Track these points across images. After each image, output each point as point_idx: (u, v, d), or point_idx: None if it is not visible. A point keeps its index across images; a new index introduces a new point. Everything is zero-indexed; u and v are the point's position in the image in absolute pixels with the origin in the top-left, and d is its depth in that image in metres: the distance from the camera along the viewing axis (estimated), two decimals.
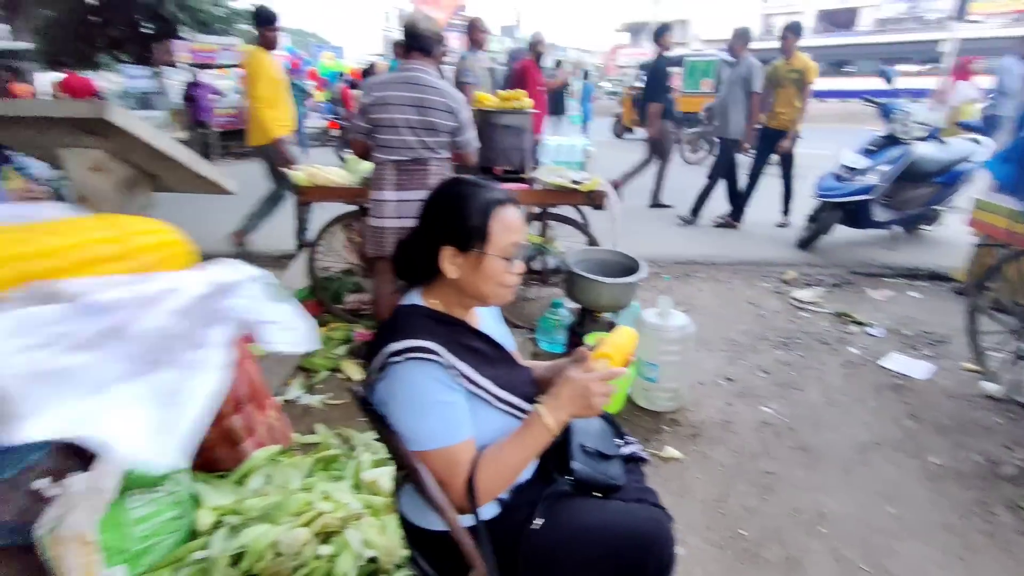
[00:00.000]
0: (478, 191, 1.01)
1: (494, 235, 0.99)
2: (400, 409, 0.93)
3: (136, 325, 0.24)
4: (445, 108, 2.14)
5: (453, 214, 1.00)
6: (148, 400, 0.23)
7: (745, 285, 3.93)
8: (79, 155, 2.25)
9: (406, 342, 0.93)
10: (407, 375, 0.92)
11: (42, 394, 0.19)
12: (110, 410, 0.22)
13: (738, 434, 2.24)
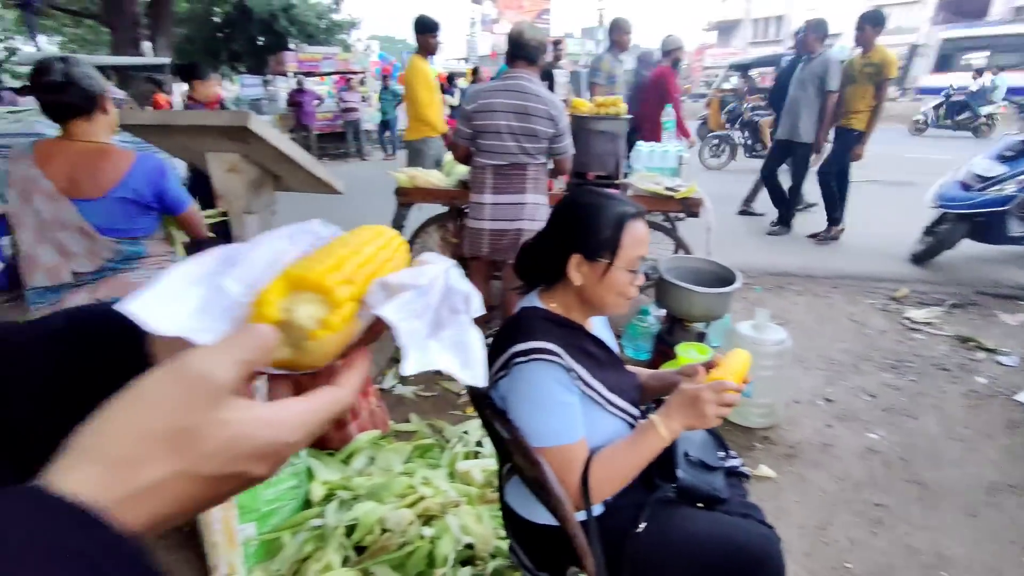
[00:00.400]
0: (612, 203, 1.04)
1: (623, 248, 1.02)
2: (522, 407, 0.98)
3: (432, 302, 0.34)
4: (546, 115, 2.20)
5: (585, 223, 1.04)
6: (449, 348, 0.33)
7: (846, 301, 3.66)
8: (219, 158, 2.55)
9: (531, 343, 0.98)
10: (532, 375, 0.97)
11: (412, 346, 0.30)
12: (436, 356, 0.32)
13: (840, 459, 2.10)
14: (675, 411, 0.97)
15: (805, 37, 4.61)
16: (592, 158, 2.86)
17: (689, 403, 0.96)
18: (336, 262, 0.37)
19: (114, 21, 10.02)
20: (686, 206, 2.66)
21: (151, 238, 1.70)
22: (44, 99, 1.50)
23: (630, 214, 1.04)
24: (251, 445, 0.28)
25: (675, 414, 0.97)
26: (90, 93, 1.51)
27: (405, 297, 0.37)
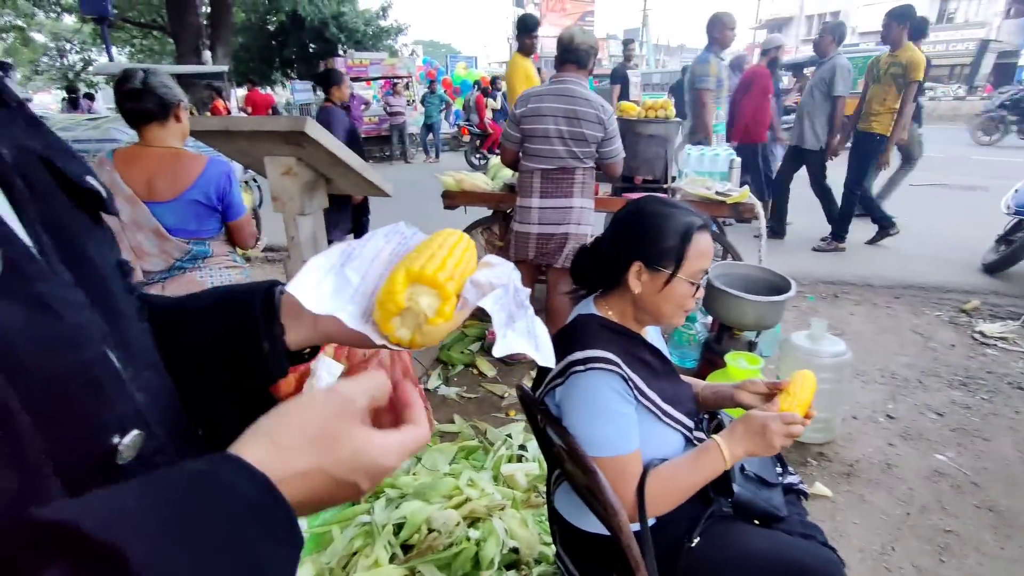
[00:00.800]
0: (679, 213, 1.02)
1: (688, 259, 1.00)
2: (579, 416, 0.97)
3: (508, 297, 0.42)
4: (595, 119, 2.18)
5: (650, 231, 1.02)
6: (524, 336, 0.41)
7: (910, 312, 3.46)
8: (276, 162, 2.65)
9: (589, 352, 0.97)
10: (590, 384, 0.96)
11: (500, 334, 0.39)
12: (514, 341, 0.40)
13: (904, 480, 1.98)
14: (740, 436, 0.96)
15: (821, 39, 4.43)
16: (640, 162, 2.81)
17: (757, 432, 0.95)
18: (442, 262, 0.45)
19: (178, 32, 10.62)
20: (737, 211, 2.58)
21: (216, 239, 1.78)
22: (124, 105, 1.61)
23: (697, 225, 1.02)
24: (366, 460, 0.35)
25: (740, 440, 0.96)
26: (165, 101, 1.61)
27: (497, 294, 0.45)
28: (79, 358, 0.31)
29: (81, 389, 0.30)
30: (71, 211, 0.37)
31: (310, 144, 2.45)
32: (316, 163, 2.70)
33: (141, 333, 0.42)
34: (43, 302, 0.29)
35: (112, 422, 0.32)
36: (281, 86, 19.57)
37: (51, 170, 0.36)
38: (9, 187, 0.31)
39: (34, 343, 0.28)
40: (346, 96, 4.50)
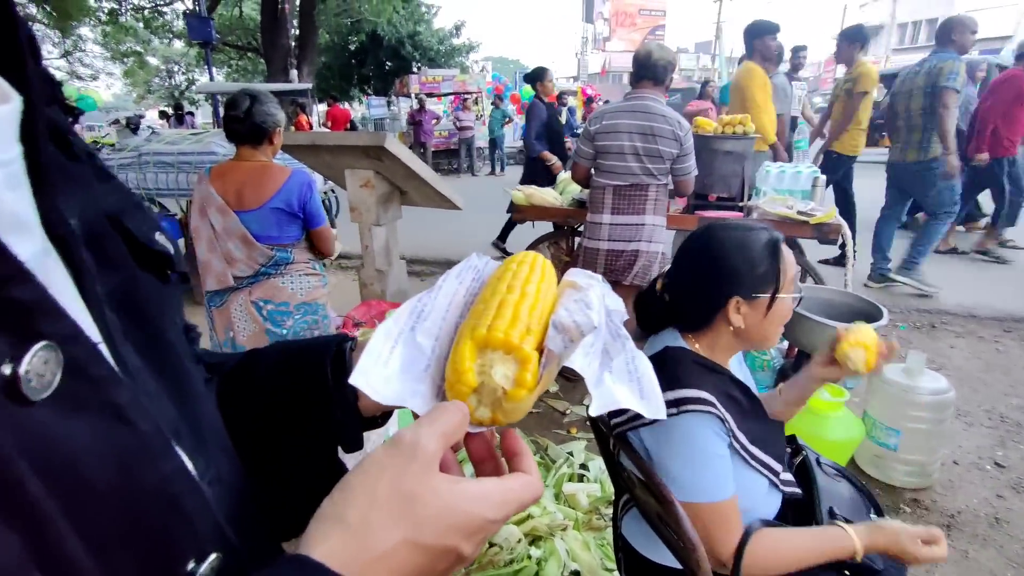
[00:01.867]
0: (754, 233, 0.97)
1: (784, 274, 0.95)
2: (674, 460, 0.91)
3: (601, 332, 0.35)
4: (671, 136, 2.14)
5: (739, 263, 0.96)
6: (623, 379, 0.34)
7: (1022, 348, 3.10)
8: (356, 174, 2.80)
9: (685, 391, 0.91)
10: (688, 428, 0.90)
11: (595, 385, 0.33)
12: (614, 389, 0.33)
13: (1015, 538, 1.76)
14: (876, 540, 0.90)
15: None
16: (716, 179, 2.72)
17: (893, 543, 0.89)
18: (513, 314, 0.37)
19: (270, 53, 11.52)
20: (821, 232, 2.43)
21: (297, 246, 1.90)
22: (229, 126, 1.76)
23: (776, 237, 0.97)
24: (461, 517, 0.29)
25: (875, 542, 0.90)
26: (262, 128, 1.75)
27: (586, 342, 0.37)
28: (155, 473, 0.27)
29: (155, 509, 0.27)
30: (139, 278, 0.34)
31: (389, 158, 2.57)
32: (393, 176, 2.82)
33: (211, 413, 0.39)
34: (114, 410, 0.25)
35: (189, 545, 0.28)
36: (358, 102, 20.72)
37: (119, 229, 0.33)
38: (75, 264, 0.27)
39: (102, 460, 0.24)
40: (551, 90, 4.51)
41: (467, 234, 5.75)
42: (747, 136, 2.68)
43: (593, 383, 0.36)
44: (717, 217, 2.58)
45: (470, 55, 18.60)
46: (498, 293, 0.40)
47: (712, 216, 2.64)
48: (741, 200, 2.71)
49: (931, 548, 0.89)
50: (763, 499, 0.98)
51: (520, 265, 0.44)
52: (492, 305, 0.38)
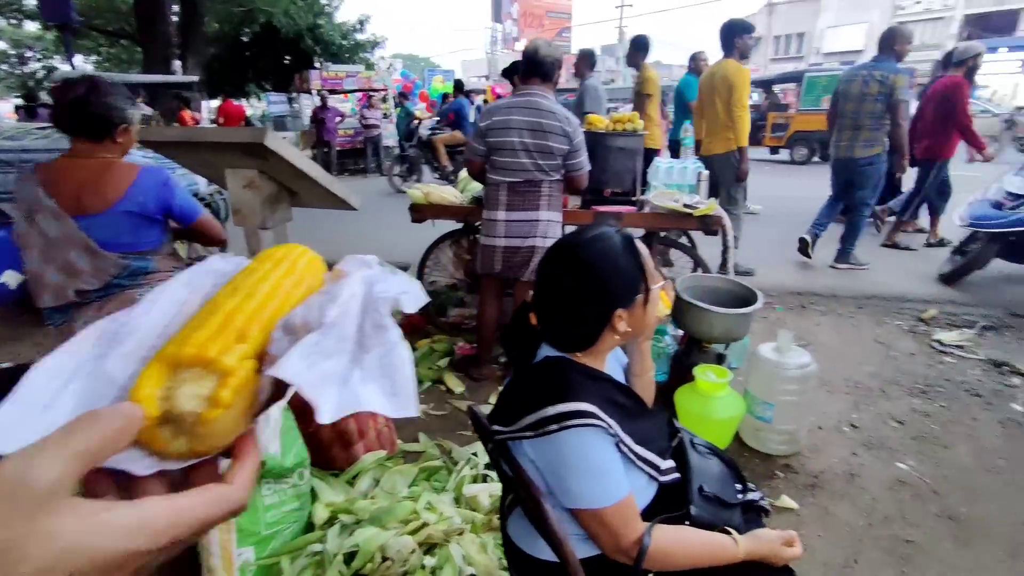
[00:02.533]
0: (610, 241, 0.97)
1: (646, 267, 0.98)
2: (571, 474, 0.90)
3: (348, 329, 0.30)
4: (561, 132, 2.18)
5: (610, 277, 0.96)
6: (374, 375, 0.29)
7: (872, 322, 3.53)
8: (238, 174, 2.58)
9: (569, 405, 0.90)
10: (576, 443, 0.89)
11: (327, 392, 0.26)
12: (360, 388, 0.28)
13: (867, 491, 1.99)
14: (758, 547, 0.98)
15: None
16: (610, 175, 2.82)
17: (770, 547, 0.99)
18: (222, 320, 0.32)
19: (147, 41, 10.41)
20: (705, 224, 2.60)
21: (159, 253, 1.70)
22: (55, 111, 1.53)
23: (627, 234, 1.00)
24: (93, 556, 0.24)
25: (758, 548, 0.98)
26: (103, 121, 1.53)
27: (311, 340, 0.32)
28: None
29: None
30: None
31: (272, 156, 2.39)
32: (280, 175, 2.64)
33: None
34: None
35: None
36: (256, 98, 19.34)
37: None
38: None
39: None
40: None
41: (376, 234, 5.56)
42: (637, 133, 2.80)
43: (317, 389, 0.31)
44: (608, 212, 2.69)
45: (376, 51, 18.01)
46: (218, 299, 0.35)
47: (608, 211, 2.74)
48: (634, 195, 2.83)
49: (792, 549, 1.00)
50: (641, 492, 1.01)
51: (263, 262, 0.39)
52: (201, 317, 0.33)
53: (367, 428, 1.96)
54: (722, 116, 3.89)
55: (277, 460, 1.45)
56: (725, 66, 3.86)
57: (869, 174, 4.12)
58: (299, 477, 1.58)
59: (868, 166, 4.09)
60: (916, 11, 26.69)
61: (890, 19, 27.81)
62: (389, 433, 2.08)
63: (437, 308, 3.18)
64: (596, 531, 0.92)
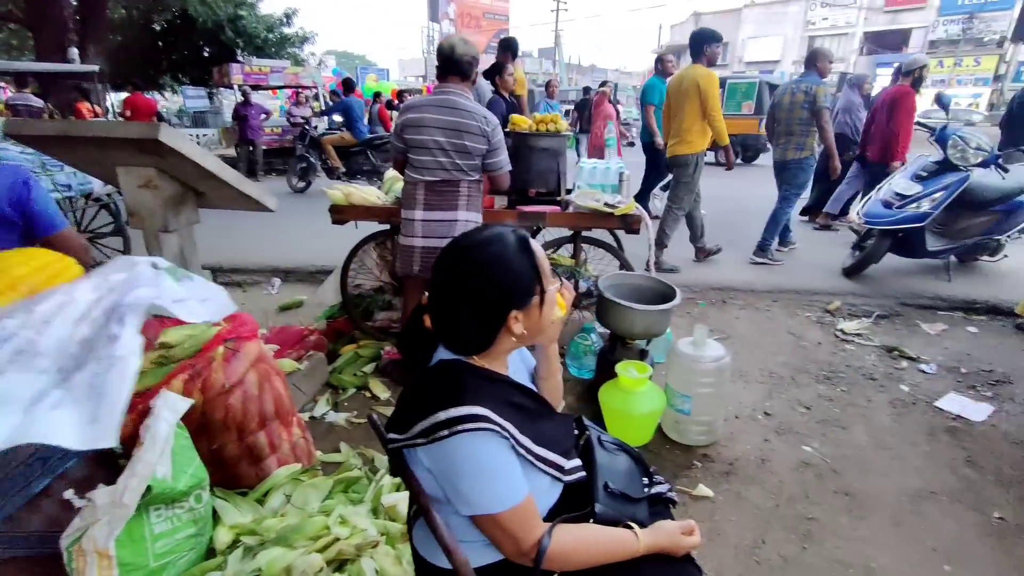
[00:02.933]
0: (502, 243, 0.95)
1: (541, 268, 0.97)
2: (464, 479, 0.87)
3: (44, 340, 0.25)
4: (479, 131, 2.16)
5: (506, 278, 0.94)
6: (77, 397, 0.24)
7: (786, 314, 3.77)
8: (132, 172, 2.37)
9: (455, 410, 0.86)
10: (468, 448, 0.86)
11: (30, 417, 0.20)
12: (45, 414, 0.23)
13: (775, 474, 2.11)
14: (656, 540, 0.99)
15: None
16: (533, 175, 2.84)
17: (668, 540, 0.99)
18: None
19: (38, 26, 9.44)
20: (625, 223, 2.67)
21: None
22: None
23: (521, 234, 0.98)
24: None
25: (656, 541, 0.98)
26: None
27: None
28: None
29: None
30: None
31: (169, 154, 2.21)
32: (181, 175, 2.45)
33: None
34: None
35: None
36: (171, 91, 18.03)
37: None
38: None
39: None
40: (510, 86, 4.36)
41: (303, 237, 5.32)
42: (559, 134, 2.83)
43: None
44: (533, 212, 2.70)
45: (305, 47, 17.28)
46: None
47: (532, 211, 2.75)
48: (559, 194, 2.86)
49: (691, 538, 1.01)
50: (545, 493, 0.99)
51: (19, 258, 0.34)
52: None
53: (280, 441, 1.85)
54: (689, 119, 4.19)
55: (167, 484, 1.32)
56: (695, 71, 4.12)
57: (796, 174, 4.61)
58: (196, 500, 1.46)
59: (797, 167, 4.58)
60: (823, 27, 28.99)
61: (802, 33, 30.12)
62: (306, 445, 1.97)
63: (363, 312, 3.07)
64: (496, 536, 0.90)
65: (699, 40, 4.17)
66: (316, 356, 2.61)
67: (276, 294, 4.04)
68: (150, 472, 1.31)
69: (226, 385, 1.64)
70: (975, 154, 3.89)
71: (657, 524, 1.02)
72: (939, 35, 26.24)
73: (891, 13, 27.91)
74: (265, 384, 1.81)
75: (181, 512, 1.43)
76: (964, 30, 25.15)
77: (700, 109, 4.11)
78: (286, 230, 5.55)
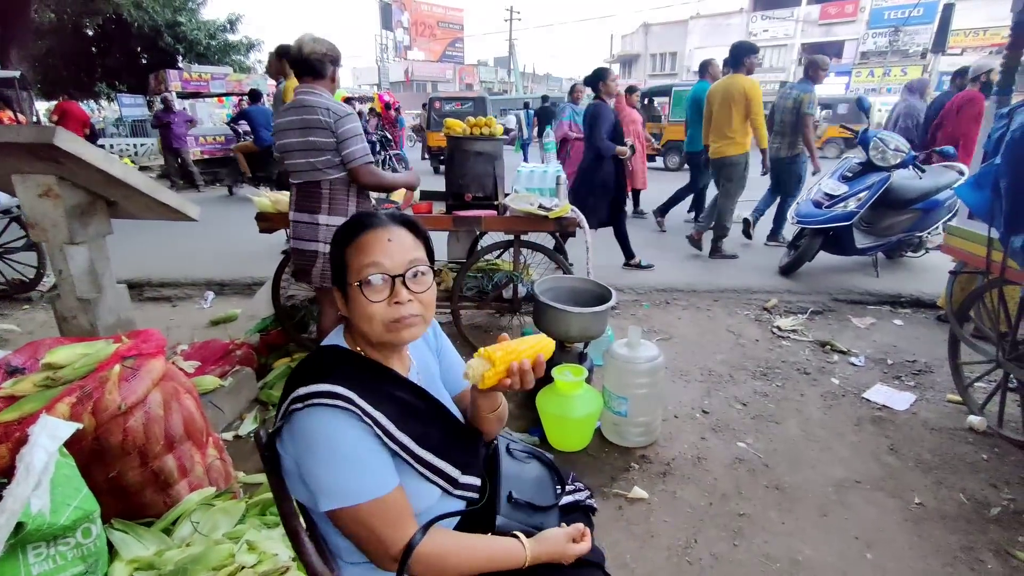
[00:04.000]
0: (355, 220, 0.93)
1: (349, 260, 0.90)
2: (316, 463, 0.81)
3: None
4: (321, 125, 2.08)
5: (332, 251, 0.95)
6: None
7: (725, 313, 3.86)
8: (30, 181, 2.19)
9: (315, 386, 0.82)
10: (319, 424, 0.81)
11: None
12: None
13: (710, 472, 2.13)
14: (546, 550, 0.93)
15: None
16: (470, 179, 2.80)
17: (556, 549, 0.94)
18: None
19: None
20: (561, 225, 2.66)
21: None
22: None
23: (365, 225, 0.91)
24: None
25: (545, 552, 0.93)
26: None
27: None
28: None
29: None
30: None
31: (69, 160, 2.05)
32: (85, 182, 2.28)
33: None
34: None
35: None
36: (107, 99, 17.13)
37: None
38: None
39: None
40: (613, 91, 4.55)
41: (237, 249, 5.10)
42: (495, 137, 2.81)
43: None
44: (468, 217, 2.66)
45: (252, 54, 16.76)
46: None
47: (468, 215, 2.71)
48: (495, 199, 2.83)
49: (578, 545, 0.96)
50: (436, 507, 0.93)
51: None
52: None
53: (192, 464, 1.72)
54: (736, 123, 4.59)
55: (43, 519, 1.20)
56: (740, 80, 4.57)
57: (790, 170, 5.16)
58: (84, 534, 1.33)
59: (790, 163, 5.12)
60: (764, 38, 30.38)
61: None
62: (222, 466, 1.85)
63: (297, 324, 2.94)
64: (359, 536, 0.83)
65: (739, 52, 4.65)
66: (243, 371, 2.48)
67: (209, 308, 3.84)
68: (21, 507, 1.18)
69: (122, 407, 1.51)
70: (894, 155, 4.11)
71: (544, 533, 0.97)
72: (868, 47, 27.99)
73: (825, 26, 29.58)
74: (172, 403, 1.69)
75: (66, 549, 1.30)
76: (891, 42, 26.91)
77: (744, 114, 4.55)
78: (222, 241, 5.31)
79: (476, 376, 0.90)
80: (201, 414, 1.81)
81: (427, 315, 0.93)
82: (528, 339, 0.99)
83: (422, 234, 0.97)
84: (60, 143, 1.95)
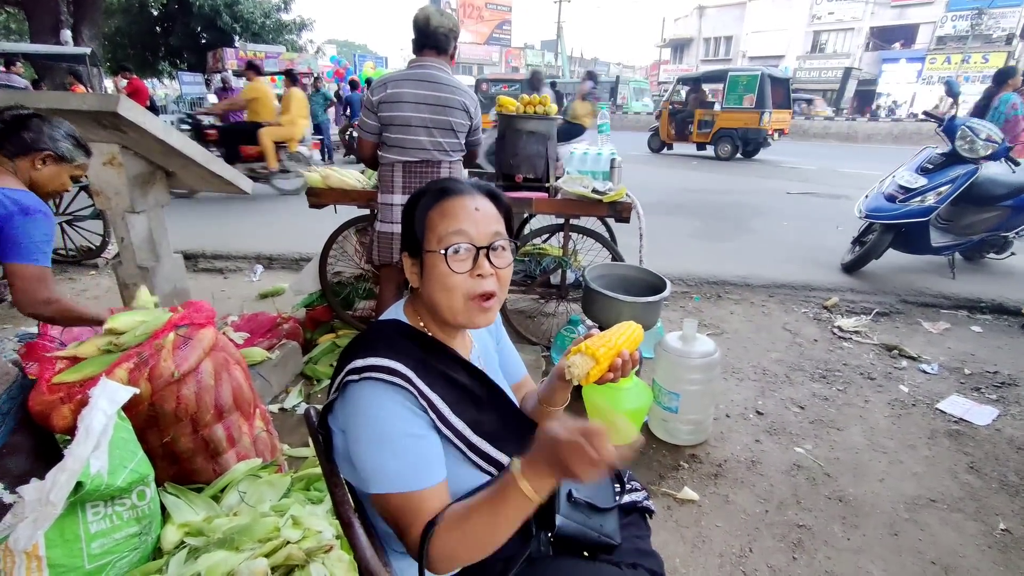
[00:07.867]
0: (438, 185, 0.87)
1: (431, 226, 0.83)
2: (360, 442, 0.76)
3: None
4: (462, 107, 2.03)
5: (407, 213, 0.88)
6: None
7: (781, 310, 3.65)
8: (95, 149, 2.24)
9: (370, 359, 0.78)
10: (366, 399, 0.76)
11: None
12: None
13: (766, 477, 2.00)
14: (539, 461, 0.66)
15: None
16: (521, 160, 2.71)
17: (550, 453, 0.65)
18: None
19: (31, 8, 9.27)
20: (615, 210, 2.54)
21: None
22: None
23: (448, 190, 0.85)
24: None
25: (540, 465, 0.66)
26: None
27: None
28: None
29: None
30: None
31: (132, 129, 2.09)
32: (147, 152, 2.33)
33: None
34: None
35: None
36: (168, 77, 17.84)
37: None
38: None
39: None
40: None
41: (294, 224, 5.20)
42: (548, 116, 2.70)
43: None
44: (518, 199, 2.57)
45: (303, 33, 17.04)
46: None
47: (519, 197, 2.62)
48: (547, 181, 2.73)
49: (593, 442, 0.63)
50: None
51: None
52: None
53: (239, 434, 1.74)
54: None
55: (102, 480, 1.22)
56: None
57: None
58: (139, 496, 1.35)
59: None
60: (829, 21, 28.64)
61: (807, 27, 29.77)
62: (269, 438, 1.87)
63: (343, 301, 2.95)
64: (392, 523, 0.77)
65: None
66: (289, 345, 2.50)
67: (258, 281, 3.93)
68: (81, 467, 1.20)
69: (176, 374, 1.53)
70: (985, 146, 3.74)
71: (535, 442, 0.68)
72: (947, 31, 25.89)
73: (898, 8, 27.54)
74: (223, 374, 1.70)
75: (122, 510, 1.33)
76: (972, 26, 24.80)
77: None
78: (274, 216, 5.43)
79: (581, 374, 0.84)
80: (249, 385, 1.83)
81: (502, 294, 0.87)
82: (620, 329, 0.94)
83: (504, 207, 0.90)
84: (123, 111, 1.98)
